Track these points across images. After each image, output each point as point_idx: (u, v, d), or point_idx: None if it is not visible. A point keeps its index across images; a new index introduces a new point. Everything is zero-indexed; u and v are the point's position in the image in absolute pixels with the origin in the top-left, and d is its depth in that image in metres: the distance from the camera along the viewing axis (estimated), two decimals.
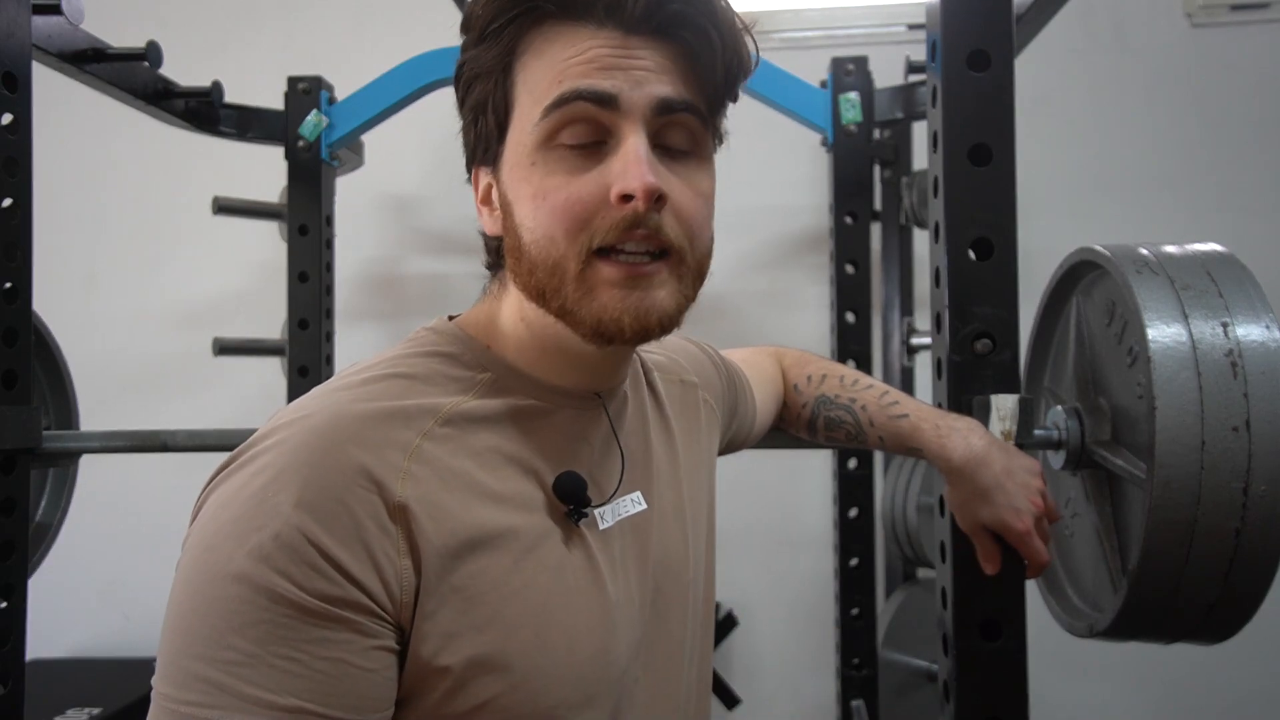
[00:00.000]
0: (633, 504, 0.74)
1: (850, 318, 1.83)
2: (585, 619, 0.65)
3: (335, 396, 0.62)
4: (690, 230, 0.65)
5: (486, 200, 0.70)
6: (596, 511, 0.70)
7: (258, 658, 0.52)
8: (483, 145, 0.68)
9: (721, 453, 0.95)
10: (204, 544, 0.56)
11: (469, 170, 0.72)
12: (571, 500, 0.67)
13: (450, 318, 0.74)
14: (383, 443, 0.59)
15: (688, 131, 0.65)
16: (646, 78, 0.62)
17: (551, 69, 0.62)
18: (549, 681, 0.61)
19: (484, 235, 0.73)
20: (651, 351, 0.88)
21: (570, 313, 0.64)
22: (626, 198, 0.61)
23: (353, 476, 0.56)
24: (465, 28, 0.67)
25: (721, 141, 0.70)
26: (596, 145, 0.62)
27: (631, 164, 0.61)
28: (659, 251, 0.63)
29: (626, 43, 0.62)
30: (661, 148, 0.64)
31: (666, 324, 0.65)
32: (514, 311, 0.70)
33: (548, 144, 0.62)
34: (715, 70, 0.65)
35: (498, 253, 0.72)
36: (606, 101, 0.61)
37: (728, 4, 0.66)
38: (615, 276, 0.62)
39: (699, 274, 0.67)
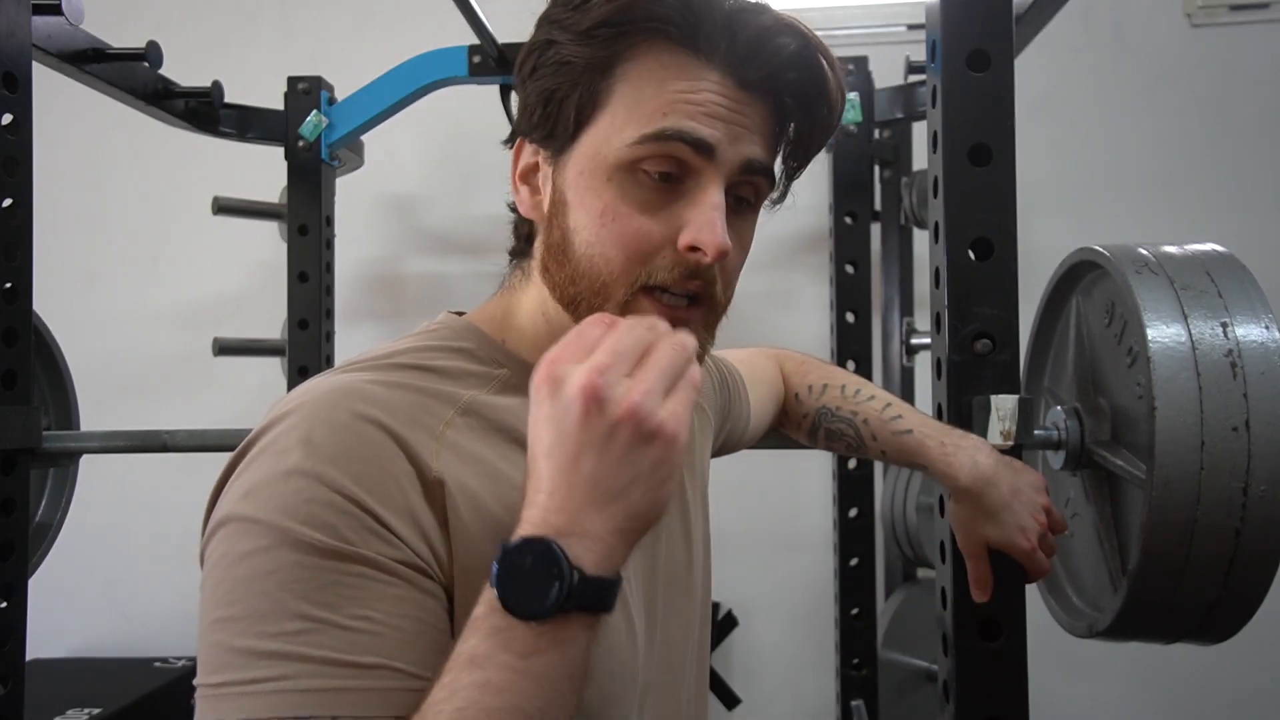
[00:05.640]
0: None
1: (850, 318, 1.83)
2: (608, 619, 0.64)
3: (354, 377, 0.60)
4: (728, 281, 0.67)
5: (527, 179, 0.69)
6: None
7: (329, 622, 0.50)
8: (545, 130, 0.65)
9: (714, 455, 0.94)
10: (245, 526, 0.52)
11: (511, 140, 0.70)
12: None
13: (458, 314, 0.72)
14: (411, 423, 0.58)
15: (756, 189, 0.67)
16: (743, 135, 0.63)
17: (659, 96, 0.62)
18: None
19: (515, 215, 0.72)
20: None
21: None
22: (694, 249, 0.62)
23: (392, 450, 0.55)
24: (567, 5, 0.63)
25: (783, 199, 0.72)
26: (675, 181, 0.63)
27: (711, 221, 0.62)
28: (694, 295, 0.65)
29: (736, 94, 0.63)
30: (731, 196, 0.65)
31: None
32: (535, 305, 0.69)
33: (631, 167, 0.62)
34: (808, 147, 0.69)
35: (527, 239, 0.70)
36: (704, 150, 0.61)
37: (839, 80, 0.66)
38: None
39: (721, 318, 0.69)
